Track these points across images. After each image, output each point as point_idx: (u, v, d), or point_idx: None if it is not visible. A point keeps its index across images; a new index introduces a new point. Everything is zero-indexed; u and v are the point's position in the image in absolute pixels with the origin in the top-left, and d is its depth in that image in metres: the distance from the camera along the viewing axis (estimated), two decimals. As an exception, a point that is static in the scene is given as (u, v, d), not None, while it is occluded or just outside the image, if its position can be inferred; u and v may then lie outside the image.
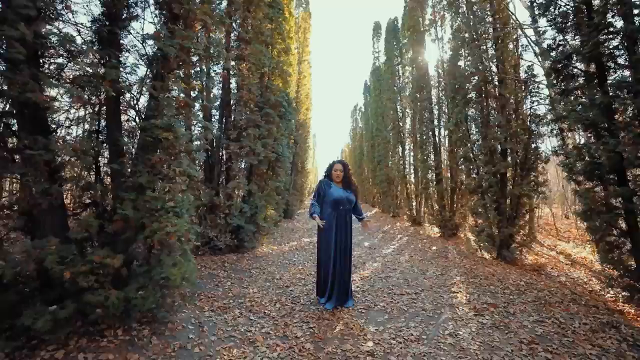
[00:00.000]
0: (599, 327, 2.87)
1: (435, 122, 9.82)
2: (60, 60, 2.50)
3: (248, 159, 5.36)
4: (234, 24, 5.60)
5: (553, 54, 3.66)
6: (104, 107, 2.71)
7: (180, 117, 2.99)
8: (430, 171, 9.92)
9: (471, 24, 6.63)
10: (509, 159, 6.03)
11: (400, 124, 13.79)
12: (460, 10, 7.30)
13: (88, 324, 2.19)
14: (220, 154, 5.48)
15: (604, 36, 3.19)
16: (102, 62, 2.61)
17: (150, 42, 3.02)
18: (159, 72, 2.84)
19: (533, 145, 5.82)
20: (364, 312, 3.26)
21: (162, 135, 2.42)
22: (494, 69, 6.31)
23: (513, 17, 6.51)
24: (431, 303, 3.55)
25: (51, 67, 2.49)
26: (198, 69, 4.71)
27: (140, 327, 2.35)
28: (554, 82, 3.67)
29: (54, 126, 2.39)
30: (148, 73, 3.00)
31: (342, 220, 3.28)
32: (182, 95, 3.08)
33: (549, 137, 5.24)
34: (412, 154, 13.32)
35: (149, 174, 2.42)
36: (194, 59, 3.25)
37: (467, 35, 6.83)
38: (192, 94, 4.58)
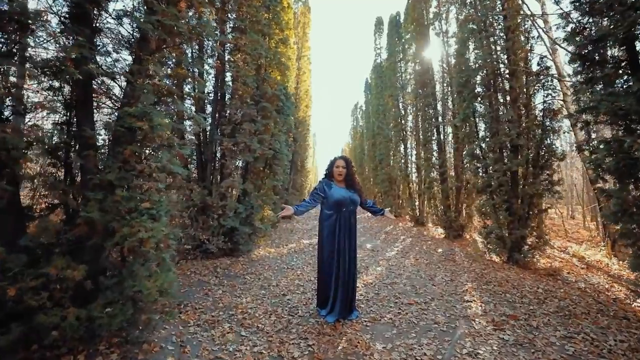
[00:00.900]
0: (638, 344, 2.53)
1: (440, 119, 9.46)
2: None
3: (243, 156, 5.01)
4: (229, 15, 5.26)
5: (578, 38, 3.31)
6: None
7: (162, 106, 2.65)
8: (434, 170, 9.57)
9: (479, 14, 6.28)
10: (520, 156, 5.67)
11: (403, 121, 13.44)
12: (467, 1, 6.95)
13: (44, 347, 1.84)
14: (214, 150, 5.13)
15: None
16: (68, 41, 2.28)
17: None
18: (137, 54, 2.50)
19: (547, 142, 5.48)
20: (369, 325, 2.92)
21: (136, 124, 2.07)
22: (504, 61, 5.96)
23: (524, 6, 6.16)
24: (444, 314, 3.20)
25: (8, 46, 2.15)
26: (189, 57, 4.37)
27: (109, 350, 2.01)
28: (579, 69, 3.31)
29: (7, 113, 2.04)
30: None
31: (345, 223, 2.93)
32: (165, 82, 2.73)
33: (566, 132, 4.88)
34: (414, 152, 12.98)
35: (120, 170, 2.07)
36: (179, 41, 2.90)
37: (475, 26, 6.48)
38: (183, 86, 4.23)
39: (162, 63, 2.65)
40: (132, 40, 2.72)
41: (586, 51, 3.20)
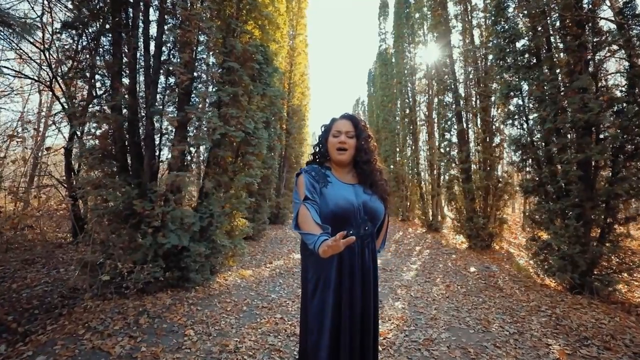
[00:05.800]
0: None
1: (462, 104, 7.81)
2: None
3: (196, 139, 3.36)
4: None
5: None
6: None
7: None
8: (454, 166, 7.91)
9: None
10: (601, 140, 4.02)
11: (411, 112, 11.79)
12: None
13: None
14: (154, 130, 3.47)
15: None
16: None
17: None
18: None
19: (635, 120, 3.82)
20: None
21: None
22: (573, 4, 4.29)
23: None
24: None
25: None
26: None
27: None
28: None
29: None
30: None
31: (354, 261, 1.26)
32: None
33: None
34: (426, 146, 11.34)
35: None
36: None
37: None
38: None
39: None
40: None
41: None
